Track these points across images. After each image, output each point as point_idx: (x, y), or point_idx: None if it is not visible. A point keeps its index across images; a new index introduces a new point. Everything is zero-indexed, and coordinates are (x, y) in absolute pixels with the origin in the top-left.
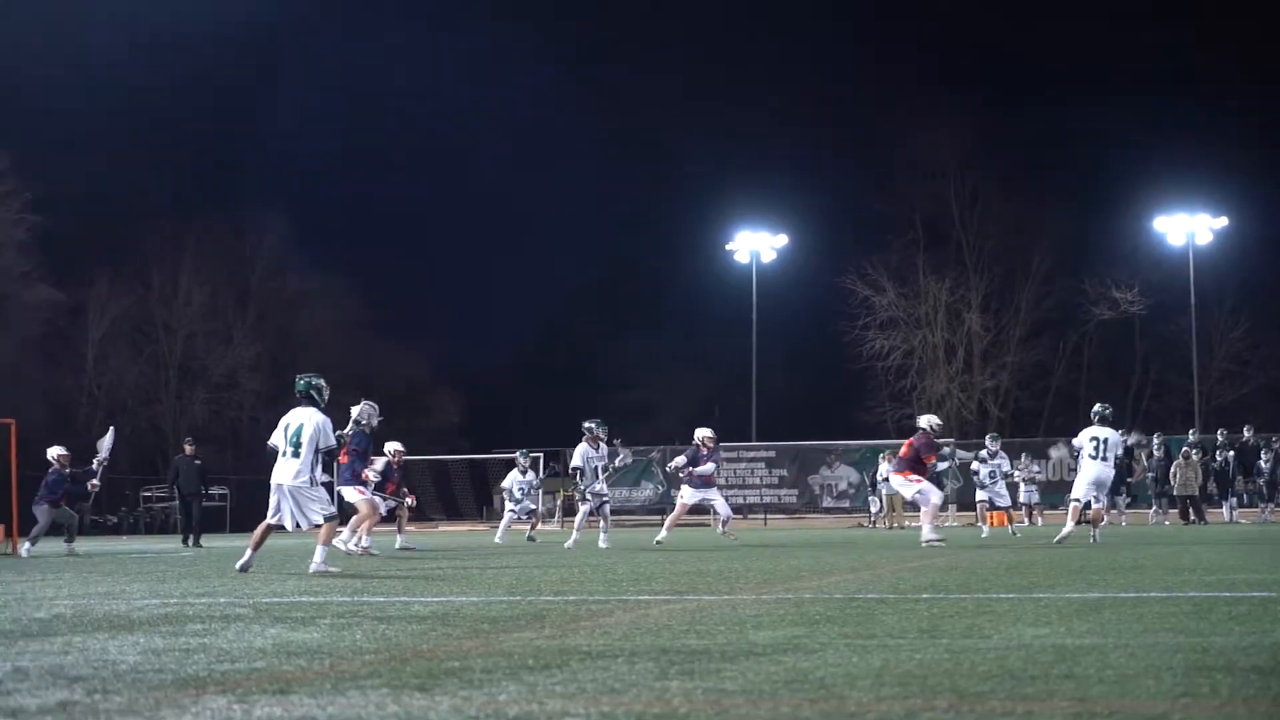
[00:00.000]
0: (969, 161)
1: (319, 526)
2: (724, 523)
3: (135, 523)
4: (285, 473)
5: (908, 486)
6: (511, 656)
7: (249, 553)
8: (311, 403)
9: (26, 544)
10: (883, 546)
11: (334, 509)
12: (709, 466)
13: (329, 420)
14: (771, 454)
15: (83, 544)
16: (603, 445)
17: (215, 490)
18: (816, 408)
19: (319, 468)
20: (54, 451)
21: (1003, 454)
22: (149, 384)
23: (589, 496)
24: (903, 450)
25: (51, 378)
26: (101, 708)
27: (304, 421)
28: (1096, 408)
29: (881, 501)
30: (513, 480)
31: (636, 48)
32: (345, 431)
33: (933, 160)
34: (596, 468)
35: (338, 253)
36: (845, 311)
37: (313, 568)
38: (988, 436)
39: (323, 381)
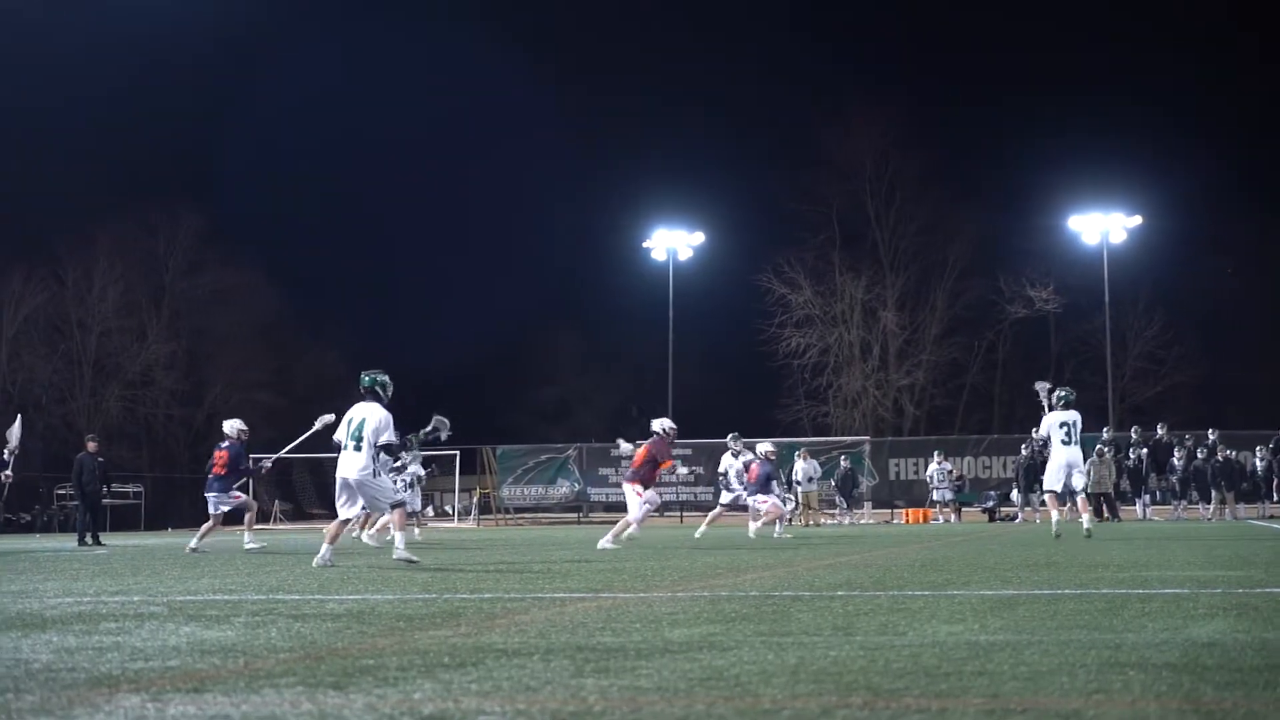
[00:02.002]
0: (885, 160)
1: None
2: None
3: (49, 521)
4: (350, 466)
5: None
6: (427, 654)
7: (325, 547)
8: (375, 398)
9: None
10: (798, 544)
11: (401, 497)
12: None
13: (390, 416)
14: (688, 451)
15: None
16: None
17: (130, 488)
18: (733, 405)
19: (380, 460)
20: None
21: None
22: (63, 381)
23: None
24: (638, 458)
25: None
26: (14, 707)
27: (366, 416)
28: (1060, 392)
29: (797, 499)
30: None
31: (555, 45)
32: (427, 430)
33: (849, 158)
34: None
35: (253, 251)
36: (762, 309)
37: (395, 554)
38: (729, 436)
39: (387, 378)
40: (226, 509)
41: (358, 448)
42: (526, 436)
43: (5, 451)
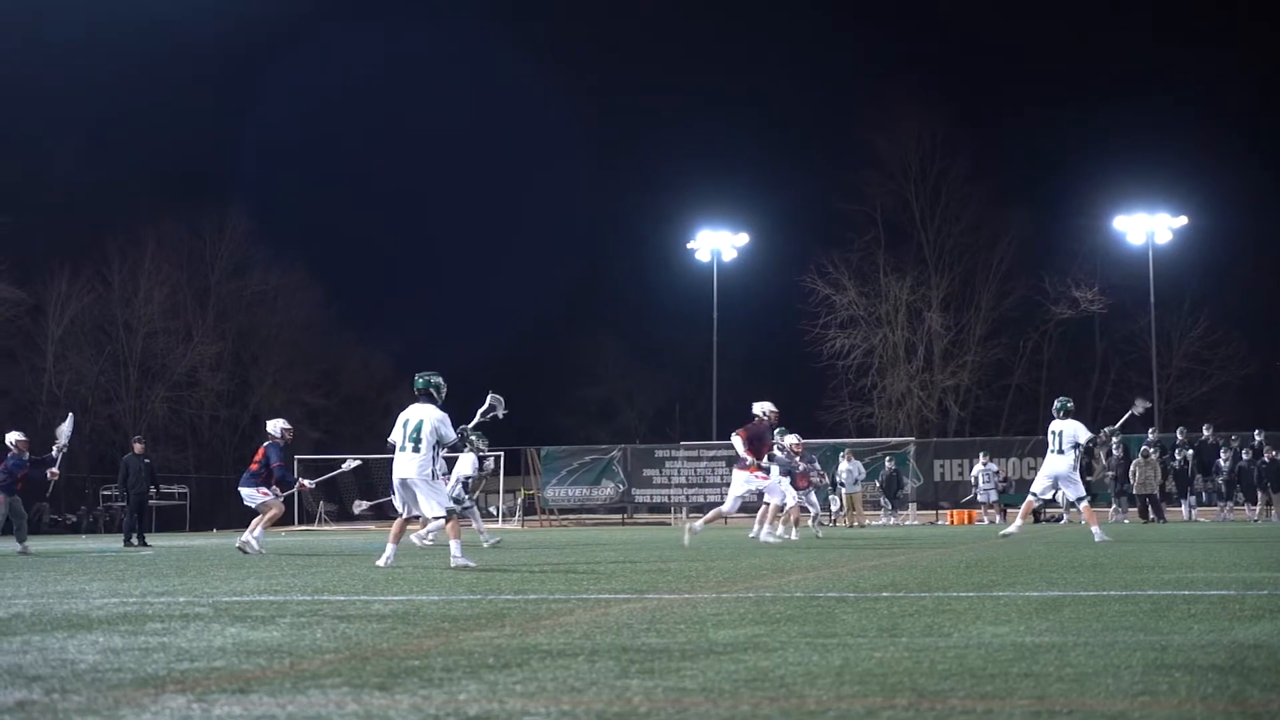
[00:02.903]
0: (930, 160)
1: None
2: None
3: (94, 522)
4: (408, 467)
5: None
6: (472, 655)
7: (390, 547)
8: (430, 399)
9: None
10: (843, 545)
11: (453, 504)
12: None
13: (446, 416)
14: (732, 453)
15: (42, 543)
16: None
17: (175, 489)
18: (777, 406)
19: (439, 462)
20: (12, 437)
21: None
22: (109, 382)
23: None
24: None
25: (11, 376)
26: (60, 707)
27: (423, 417)
28: (1055, 402)
29: (841, 500)
30: (472, 466)
31: (602, 48)
32: (484, 409)
33: (894, 159)
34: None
35: (300, 252)
36: (806, 310)
37: (454, 562)
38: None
39: (441, 380)
40: (255, 504)
41: (415, 449)
42: (571, 437)
43: (54, 449)
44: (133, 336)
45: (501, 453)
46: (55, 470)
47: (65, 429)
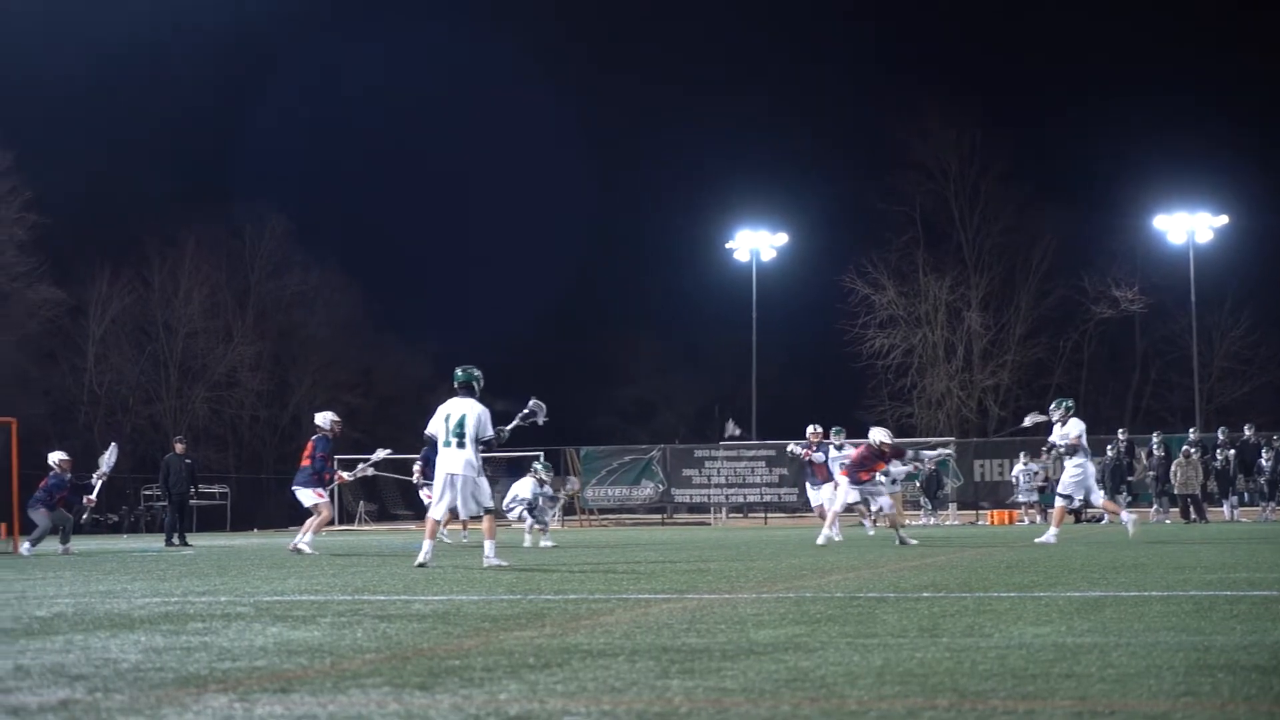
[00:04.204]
0: (969, 160)
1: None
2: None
3: (136, 521)
4: (455, 462)
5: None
6: (512, 655)
7: (427, 543)
8: (470, 393)
9: (27, 544)
10: (883, 545)
11: (491, 503)
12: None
13: (488, 411)
14: (771, 453)
15: (84, 543)
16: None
17: (216, 489)
18: (816, 406)
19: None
20: (55, 456)
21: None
22: (149, 382)
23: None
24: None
25: (52, 376)
26: (103, 706)
27: (466, 412)
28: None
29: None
30: (531, 490)
31: (638, 47)
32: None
33: (933, 158)
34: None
35: (338, 251)
36: (845, 310)
37: (486, 562)
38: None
39: (480, 373)
40: (304, 504)
41: (461, 444)
42: (610, 437)
43: (95, 476)
44: (173, 337)
45: (540, 453)
46: (92, 498)
47: (108, 458)
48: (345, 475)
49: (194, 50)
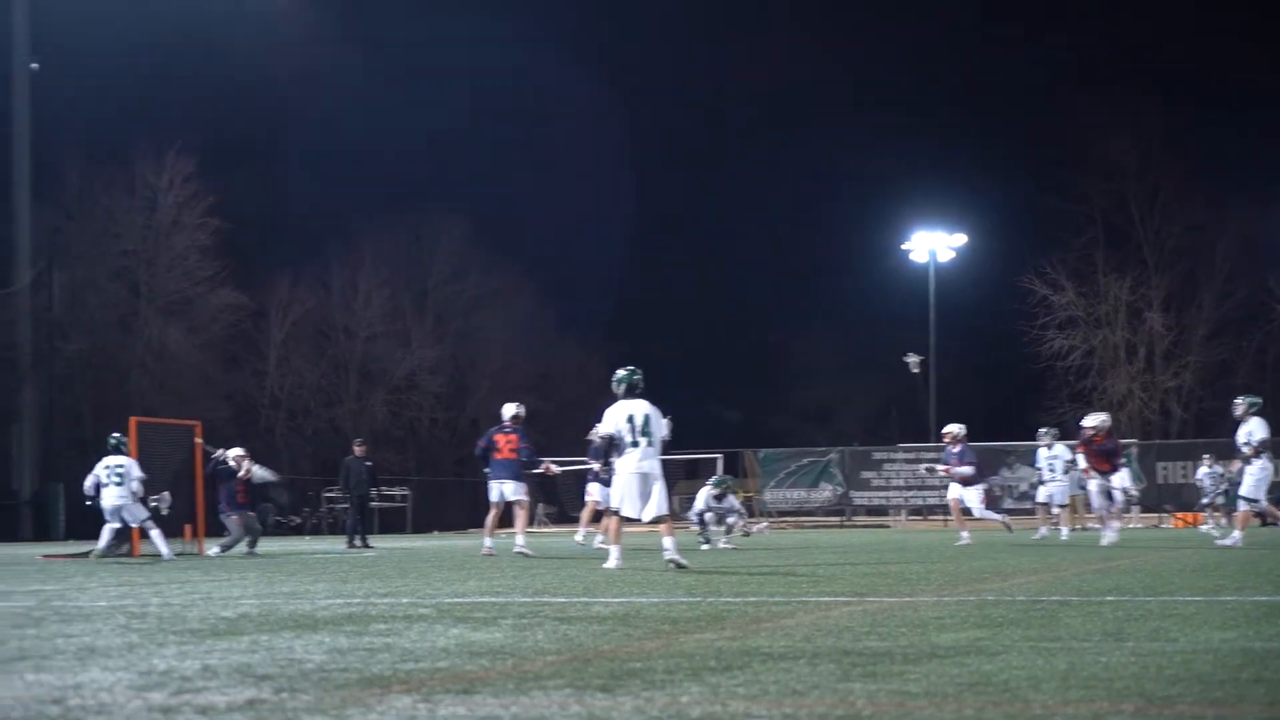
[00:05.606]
0: (1149, 159)
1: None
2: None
3: (318, 524)
4: (644, 462)
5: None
6: (693, 657)
7: (615, 550)
8: (642, 394)
9: (215, 547)
10: (1065, 548)
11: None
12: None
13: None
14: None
15: (267, 544)
16: None
17: (396, 491)
18: (995, 408)
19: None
20: (233, 452)
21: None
22: (330, 386)
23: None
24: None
25: (234, 380)
26: (289, 706)
27: (648, 413)
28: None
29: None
30: (705, 501)
31: (811, 48)
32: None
33: (1112, 157)
34: None
35: (515, 254)
36: (1023, 311)
37: (665, 555)
38: (1041, 431)
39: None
40: (511, 497)
41: (650, 444)
42: (788, 439)
43: (256, 469)
44: (353, 340)
45: (720, 455)
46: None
47: (264, 473)
48: (554, 468)
49: (376, 60)
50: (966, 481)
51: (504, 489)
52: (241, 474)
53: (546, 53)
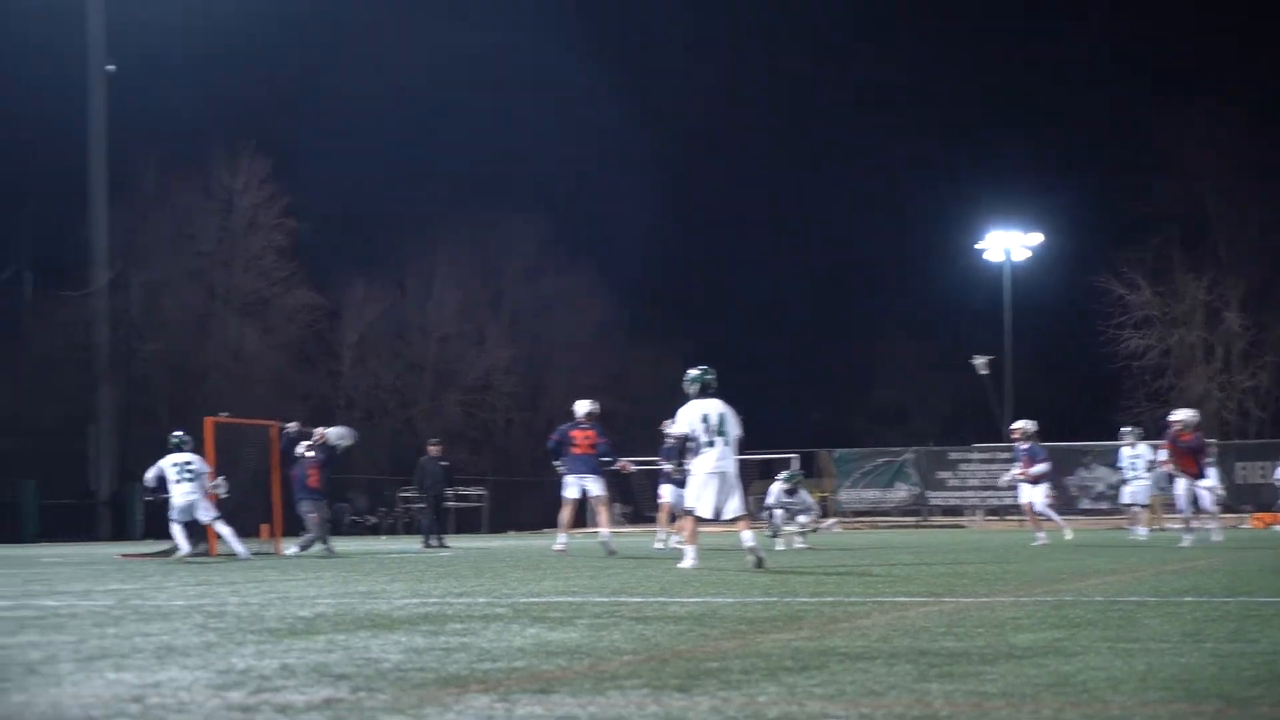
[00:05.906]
0: (1226, 159)
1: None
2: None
3: (394, 523)
4: (723, 462)
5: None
6: (770, 657)
7: (691, 550)
8: (715, 393)
9: (294, 547)
10: (1142, 548)
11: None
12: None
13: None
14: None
15: (343, 544)
16: None
17: (472, 491)
18: (1071, 408)
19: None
20: (291, 426)
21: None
22: (404, 386)
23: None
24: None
25: (310, 380)
26: (366, 705)
27: (724, 412)
28: None
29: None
30: (775, 497)
31: (888, 46)
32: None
33: (1189, 158)
34: None
35: (589, 255)
36: (1099, 310)
37: (744, 543)
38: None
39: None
40: (594, 493)
41: (726, 443)
42: (863, 439)
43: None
44: (427, 341)
45: (795, 455)
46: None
47: (341, 432)
48: (630, 466)
49: (453, 61)
50: (1035, 480)
51: (585, 485)
52: (315, 438)
53: (629, 53)
